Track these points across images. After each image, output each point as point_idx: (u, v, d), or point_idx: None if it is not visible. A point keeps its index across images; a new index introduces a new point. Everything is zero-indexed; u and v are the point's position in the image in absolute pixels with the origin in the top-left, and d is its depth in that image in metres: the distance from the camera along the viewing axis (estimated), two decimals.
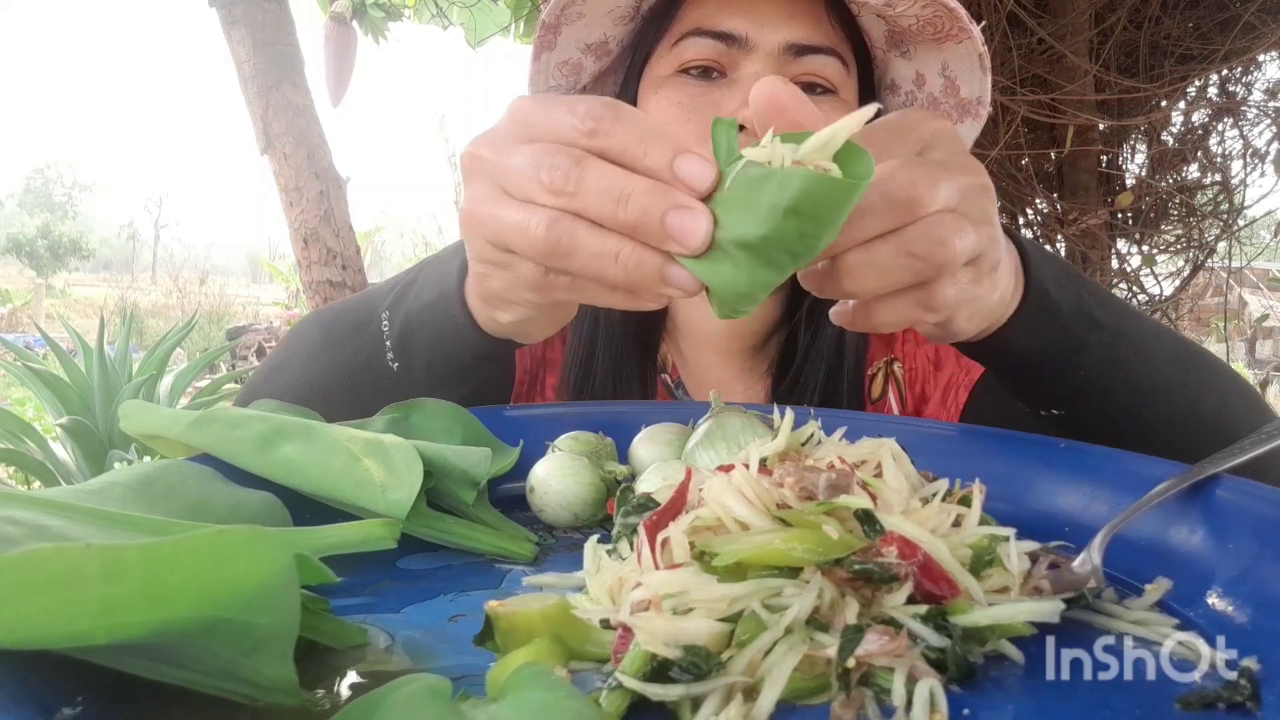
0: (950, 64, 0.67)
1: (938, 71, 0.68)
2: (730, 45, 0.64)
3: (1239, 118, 1.53)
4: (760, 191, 0.31)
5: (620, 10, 0.68)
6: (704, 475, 0.32)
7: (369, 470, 0.37)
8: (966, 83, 0.67)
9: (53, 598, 0.19)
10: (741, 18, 0.64)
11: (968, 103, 0.68)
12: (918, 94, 0.70)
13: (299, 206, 1.61)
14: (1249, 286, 3.14)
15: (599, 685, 0.25)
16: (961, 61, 0.66)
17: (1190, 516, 0.35)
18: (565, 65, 0.71)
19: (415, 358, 0.51)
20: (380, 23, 1.97)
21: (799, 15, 0.65)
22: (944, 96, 0.69)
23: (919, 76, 0.70)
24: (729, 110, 0.61)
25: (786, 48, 0.64)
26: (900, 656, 0.24)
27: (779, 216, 0.31)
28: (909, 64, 0.69)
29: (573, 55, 0.70)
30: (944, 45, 0.65)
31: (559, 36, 0.68)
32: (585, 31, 0.69)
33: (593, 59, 0.71)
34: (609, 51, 0.71)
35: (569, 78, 0.72)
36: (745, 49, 0.64)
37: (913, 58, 0.69)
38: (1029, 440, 0.45)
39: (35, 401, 3.02)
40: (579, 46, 0.70)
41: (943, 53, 0.66)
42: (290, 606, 0.24)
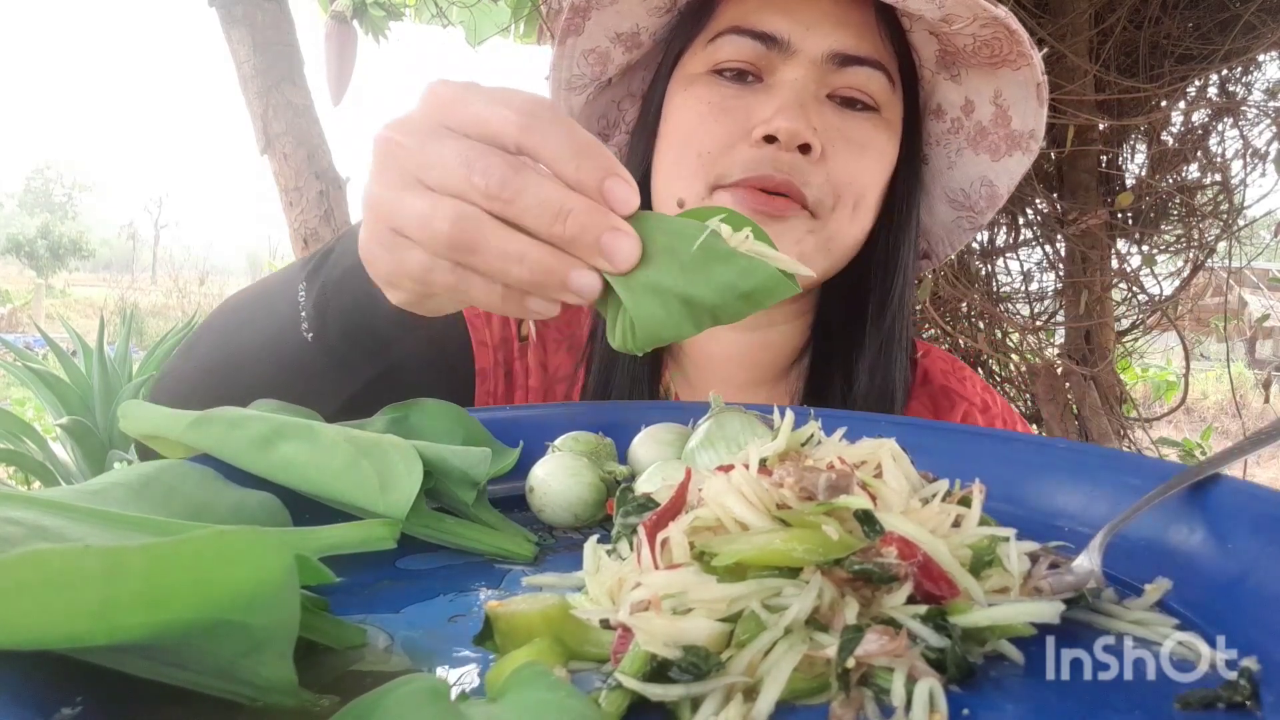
0: (1004, 92, 0.62)
1: (989, 99, 0.63)
2: (770, 47, 0.60)
3: (1239, 118, 1.53)
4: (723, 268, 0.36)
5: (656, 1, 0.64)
6: (704, 475, 0.32)
7: (369, 470, 0.37)
8: (1019, 114, 0.62)
9: (52, 599, 0.19)
10: (784, 18, 0.59)
11: (1018, 136, 0.63)
12: (964, 121, 0.65)
13: (299, 206, 1.61)
14: (1249, 286, 3.14)
15: (599, 685, 0.25)
16: (1016, 90, 0.61)
17: (1190, 516, 0.35)
18: (592, 53, 0.67)
19: (330, 326, 0.50)
20: (381, 22, 1.97)
21: (847, 22, 0.60)
22: (993, 126, 0.64)
23: (968, 103, 0.65)
24: (761, 118, 0.58)
25: (830, 56, 0.59)
26: (900, 656, 0.24)
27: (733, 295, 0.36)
28: (958, 88, 0.65)
29: (601, 43, 0.66)
30: (999, 70, 0.61)
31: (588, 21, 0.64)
32: (617, 19, 0.65)
33: (622, 50, 0.67)
34: (640, 44, 0.67)
35: (595, 67, 0.68)
36: (785, 53, 0.59)
37: (963, 82, 0.64)
38: (1029, 440, 0.45)
39: (35, 402, 3.02)
40: (608, 35, 0.66)
41: (997, 79, 0.62)
42: (290, 607, 0.24)
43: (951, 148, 0.67)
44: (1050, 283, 1.67)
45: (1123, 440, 1.58)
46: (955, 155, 0.67)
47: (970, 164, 0.67)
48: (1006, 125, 0.63)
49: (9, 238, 25.65)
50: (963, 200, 0.69)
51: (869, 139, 0.60)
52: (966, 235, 0.72)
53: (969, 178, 0.68)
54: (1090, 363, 1.52)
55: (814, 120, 0.58)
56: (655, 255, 0.36)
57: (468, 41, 1.96)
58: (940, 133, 0.68)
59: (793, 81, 0.59)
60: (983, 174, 0.66)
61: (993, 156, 0.65)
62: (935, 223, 0.72)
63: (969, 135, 0.66)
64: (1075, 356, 1.54)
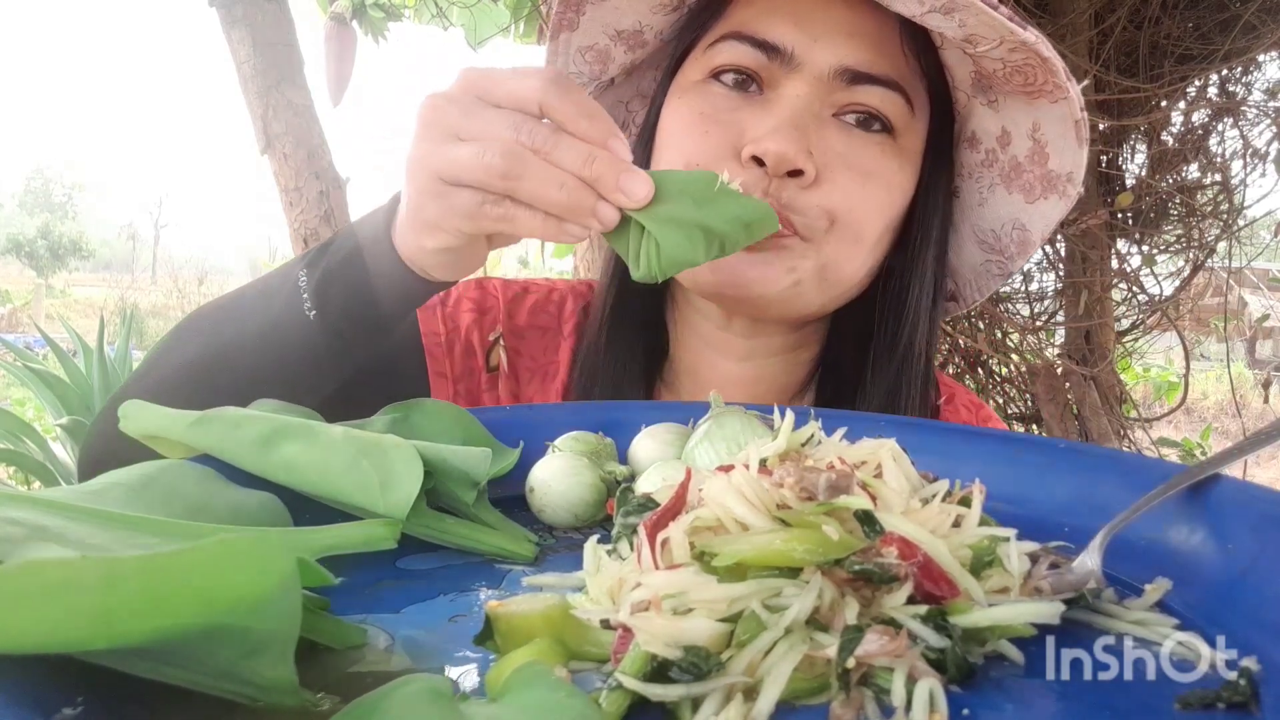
0: (1042, 126, 0.56)
1: (1027, 132, 0.57)
2: (772, 58, 0.55)
3: (1239, 118, 1.53)
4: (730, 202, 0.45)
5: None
6: (704, 475, 0.32)
7: (369, 470, 0.37)
8: (1057, 152, 0.56)
9: (52, 607, 0.19)
10: (791, 27, 0.54)
11: (1055, 178, 0.57)
12: (1000, 154, 0.60)
13: (299, 207, 1.61)
14: (1249, 286, 3.14)
15: (599, 685, 0.25)
16: (1056, 125, 0.55)
17: (1190, 516, 0.35)
18: (590, 51, 0.63)
19: (333, 304, 0.51)
20: (380, 23, 1.97)
21: (861, 34, 0.54)
22: (1029, 164, 0.58)
23: (1004, 134, 0.59)
24: (752, 136, 0.53)
25: (839, 72, 0.54)
26: (900, 657, 0.24)
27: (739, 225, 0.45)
28: (995, 116, 0.58)
29: (600, 41, 0.62)
30: (1036, 101, 0.55)
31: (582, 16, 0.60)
32: (616, 16, 0.61)
33: (624, 49, 0.63)
34: (645, 43, 0.63)
35: (594, 66, 0.64)
36: (789, 65, 0.55)
37: (1000, 109, 0.58)
38: (1029, 441, 0.45)
39: (35, 402, 3.02)
40: (608, 33, 0.62)
41: (1034, 110, 0.56)
42: (291, 610, 0.24)
43: (984, 182, 0.62)
44: (1050, 283, 1.68)
45: (1123, 440, 1.58)
46: (987, 191, 0.62)
47: (1003, 203, 0.62)
48: (1044, 164, 0.58)
49: (9, 238, 25.65)
50: (993, 242, 0.64)
51: (875, 166, 0.55)
52: (996, 281, 0.66)
53: (1000, 218, 0.62)
54: (1090, 363, 1.52)
55: (812, 143, 0.53)
56: (673, 196, 0.44)
57: (468, 42, 1.96)
58: (974, 164, 0.62)
59: (793, 99, 0.54)
60: (1015, 216, 0.61)
61: (1026, 198, 0.59)
62: (963, 264, 0.67)
63: (1003, 171, 0.60)
64: (1075, 356, 1.54)
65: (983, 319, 1.60)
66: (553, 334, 0.68)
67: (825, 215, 0.55)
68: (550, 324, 0.68)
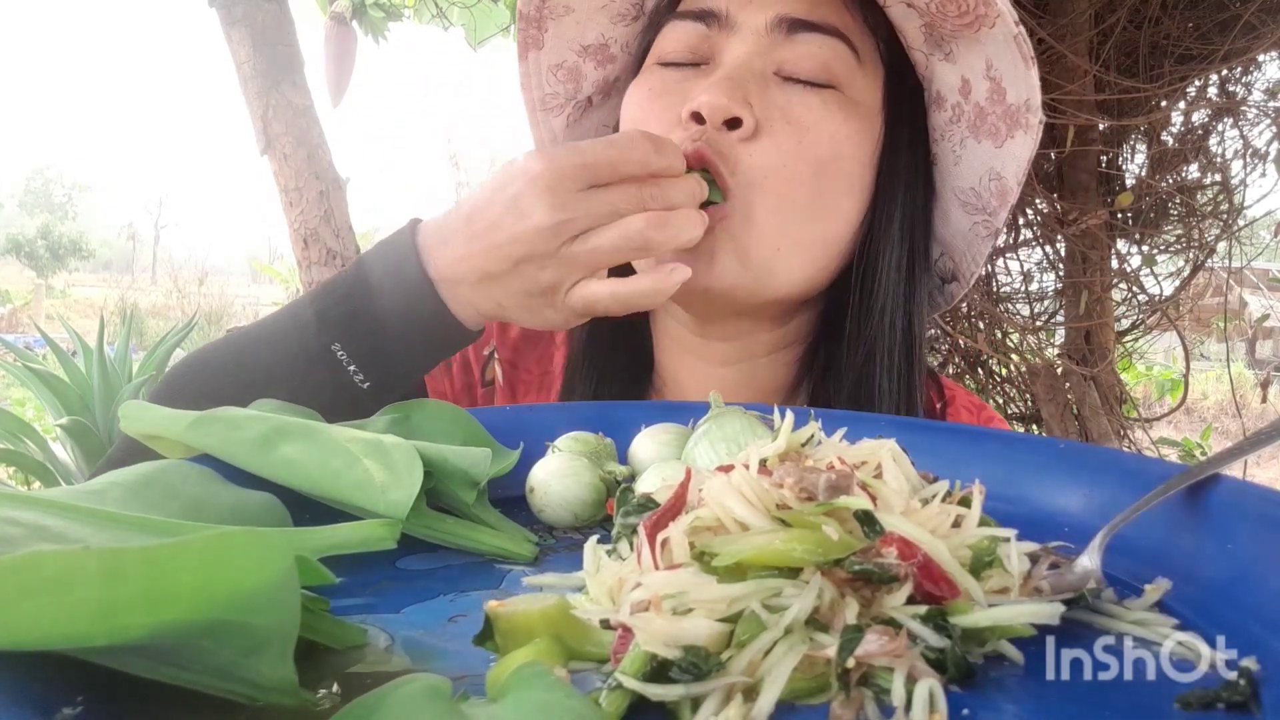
0: (993, 61, 0.56)
1: (982, 73, 0.57)
2: (710, 25, 0.55)
3: (1239, 118, 1.53)
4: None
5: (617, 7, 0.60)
6: (704, 476, 0.32)
7: (369, 470, 0.37)
8: (1011, 83, 0.56)
9: (51, 601, 0.19)
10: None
11: (1015, 110, 0.57)
12: (964, 105, 0.59)
13: (299, 207, 1.61)
14: (1249, 286, 3.14)
15: (599, 685, 0.25)
16: (1001, 53, 0.55)
17: (1190, 516, 0.35)
18: (561, 69, 0.63)
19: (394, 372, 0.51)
20: (380, 23, 1.97)
21: None
22: (990, 105, 0.58)
23: (964, 83, 0.59)
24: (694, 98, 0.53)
25: (776, 23, 0.54)
26: (900, 657, 0.24)
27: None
28: (954, 69, 0.59)
29: (567, 58, 0.63)
30: (979, 34, 0.54)
31: (545, 33, 0.61)
32: (578, 30, 0.61)
33: (593, 64, 0.63)
34: (612, 56, 0.63)
35: (567, 84, 0.64)
36: (727, 28, 0.55)
37: (956, 60, 0.58)
38: (1029, 441, 0.45)
39: (35, 402, 3.02)
40: (573, 48, 0.62)
41: (982, 46, 0.55)
42: (291, 608, 0.24)
43: (955, 139, 0.62)
44: (1050, 283, 1.68)
45: (1123, 440, 1.58)
46: (960, 147, 0.62)
47: (975, 155, 0.62)
48: (1003, 100, 0.57)
49: (9, 238, 25.65)
50: (974, 201, 0.64)
51: (817, 117, 0.54)
52: (986, 243, 0.65)
53: (976, 172, 0.62)
54: (1090, 363, 1.52)
55: (752, 95, 0.52)
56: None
57: (468, 42, 1.96)
58: (943, 124, 0.62)
59: (733, 58, 0.54)
60: (989, 165, 0.61)
61: (995, 142, 0.59)
62: (954, 233, 0.66)
63: (970, 121, 0.60)
64: (1075, 356, 1.54)
65: (983, 319, 1.60)
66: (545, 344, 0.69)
67: (764, 169, 0.53)
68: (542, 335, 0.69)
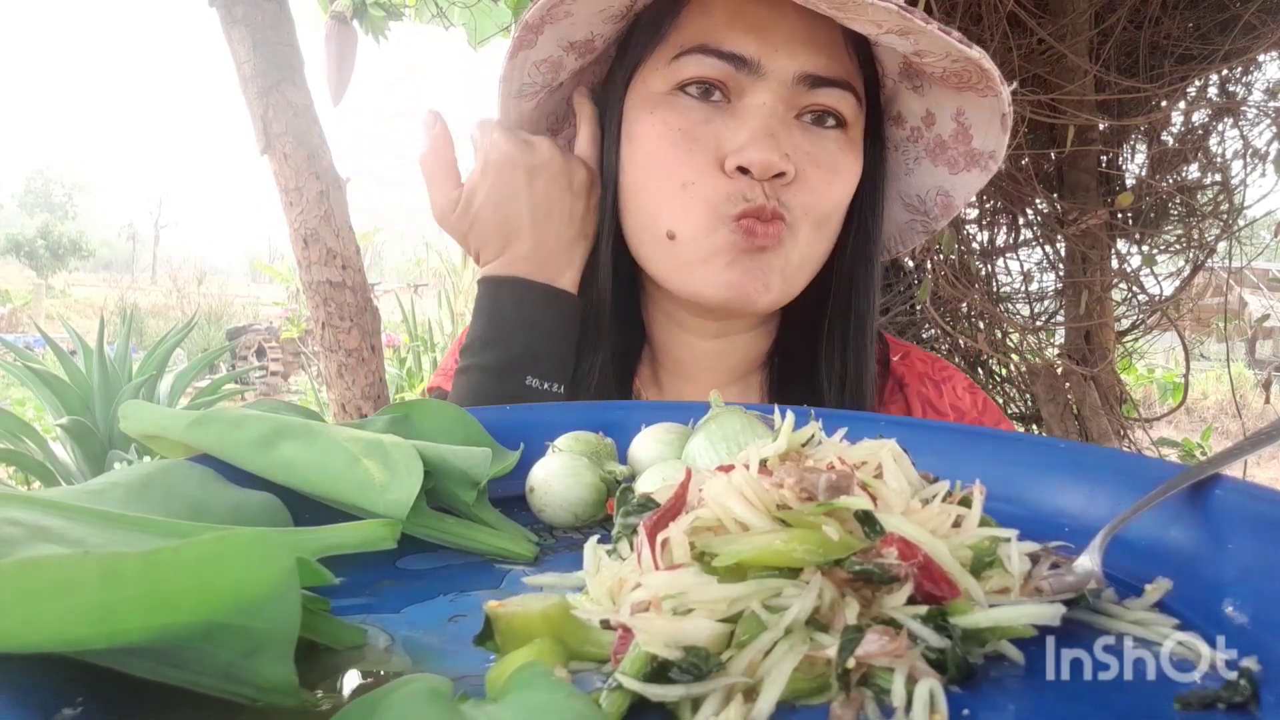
0: (967, 111, 0.61)
1: (951, 115, 0.62)
2: (739, 69, 0.58)
3: (1239, 118, 1.53)
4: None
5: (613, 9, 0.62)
6: (704, 476, 0.32)
7: (369, 470, 0.37)
8: (981, 135, 0.61)
9: (52, 604, 0.19)
10: (753, 38, 0.57)
11: (978, 154, 0.62)
12: (924, 132, 0.65)
13: (299, 207, 1.61)
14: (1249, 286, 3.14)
15: (599, 686, 0.25)
16: (980, 113, 0.60)
17: (1190, 516, 0.35)
18: (544, 63, 0.65)
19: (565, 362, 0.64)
20: (381, 22, 1.97)
21: (817, 42, 0.58)
22: (953, 142, 0.63)
23: (929, 115, 0.64)
24: (732, 147, 0.57)
25: (801, 78, 0.58)
26: (900, 657, 0.24)
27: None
28: (920, 100, 0.64)
29: (554, 53, 0.65)
30: (964, 94, 0.60)
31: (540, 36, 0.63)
32: (570, 30, 0.63)
33: (575, 56, 0.65)
34: (594, 49, 0.65)
35: (547, 75, 0.66)
36: (755, 75, 0.58)
37: (925, 94, 0.63)
38: (1029, 441, 0.45)
39: (35, 401, 3.03)
40: (561, 45, 0.64)
41: (960, 99, 0.61)
42: (291, 610, 0.24)
43: (910, 155, 0.67)
44: (1050, 283, 1.67)
45: (1123, 440, 1.58)
46: (913, 163, 0.67)
47: (928, 173, 0.67)
48: (968, 143, 0.62)
49: (9, 238, 25.64)
50: (918, 205, 0.69)
51: (837, 160, 0.61)
52: (919, 238, 0.72)
53: (925, 186, 0.68)
54: (1090, 363, 1.52)
55: (784, 145, 0.57)
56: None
57: (468, 42, 1.96)
58: (899, 139, 0.67)
59: (761, 106, 0.58)
60: (940, 184, 0.67)
61: (951, 170, 0.65)
62: (889, 223, 0.72)
63: (928, 146, 0.65)
64: (1075, 356, 1.54)
65: (983, 319, 1.60)
66: None
67: (803, 207, 0.59)
68: None
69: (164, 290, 14.18)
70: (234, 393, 4.75)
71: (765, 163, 0.56)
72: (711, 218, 0.58)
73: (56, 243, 25.49)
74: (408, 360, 4.53)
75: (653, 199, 0.61)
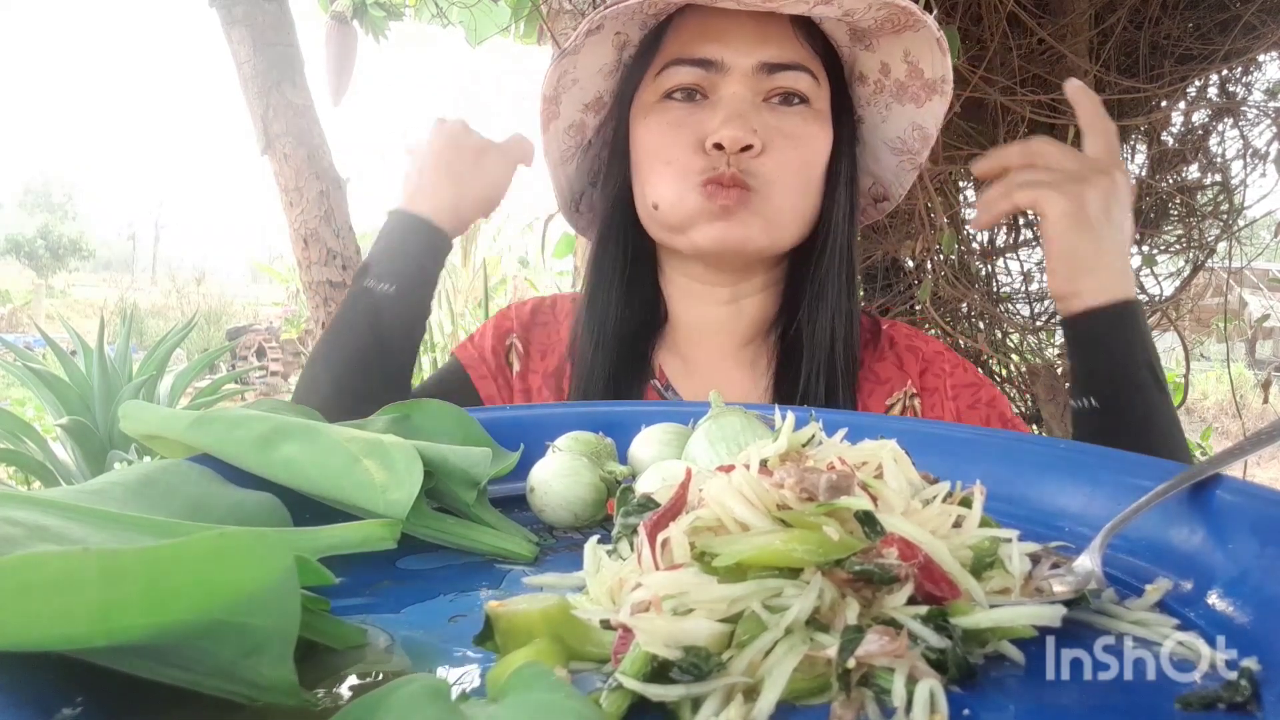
0: (911, 50, 0.72)
1: (900, 59, 0.73)
2: (709, 70, 0.70)
3: (1239, 118, 1.53)
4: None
5: (608, 65, 0.76)
6: (704, 476, 0.32)
7: (369, 470, 0.37)
8: (928, 65, 0.72)
9: (51, 601, 0.19)
10: (716, 44, 0.70)
11: (933, 82, 0.73)
12: (885, 81, 0.76)
13: (299, 207, 1.61)
14: (1249, 287, 3.14)
15: (599, 686, 0.25)
16: (921, 46, 0.71)
17: (1190, 516, 0.35)
18: (571, 128, 0.79)
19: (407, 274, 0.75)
20: (381, 22, 1.97)
21: (769, 36, 0.71)
22: (909, 80, 0.74)
23: (884, 66, 0.75)
24: (709, 130, 0.68)
25: (759, 67, 0.70)
26: (900, 657, 0.24)
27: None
28: (873, 55, 0.75)
29: (575, 117, 0.79)
30: (903, 35, 0.71)
31: (561, 105, 0.76)
32: (582, 93, 0.77)
33: (592, 115, 0.79)
34: (604, 104, 0.79)
35: (575, 138, 0.80)
36: (722, 72, 0.70)
37: (876, 50, 0.74)
38: (1029, 441, 0.45)
39: (35, 401, 3.02)
40: (578, 108, 0.78)
41: (902, 41, 0.72)
42: (291, 609, 0.24)
43: (880, 105, 0.78)
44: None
45: None
46: (885, 110, 0.78)
47: (899, 115, 0.77)
48: (921, 77, 0.73)
49: (9, 238, 25.64)
50: (901, 146, 0.80)
51: (801, 130, 0.71)
52: (910, 175, 0.83)
53: (901, 126, 0.78)
54: None
55: (753, 123, 0.68)
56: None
57: (468, 41, 1.96)
58: (868, 95, 0.78)
59: (731, 95, 0.70)
60: (912, 120, 0.77)
61: (916, 105, 0.76)
62: (884, 169, 0.83)
63: (892, 91, 0.76)
64: None
65: (983, 319, 1.60)
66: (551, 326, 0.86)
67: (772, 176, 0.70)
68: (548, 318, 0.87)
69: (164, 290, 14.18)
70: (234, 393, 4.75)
71: (733, 137, 0.67)
72: (682, 186, 0.70)
73: (56, 243, 25.49)
74: None
75: (645, 180, 0.73)
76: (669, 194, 0.71)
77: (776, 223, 0.72)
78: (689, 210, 0.70)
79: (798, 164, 0.72)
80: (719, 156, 0.69)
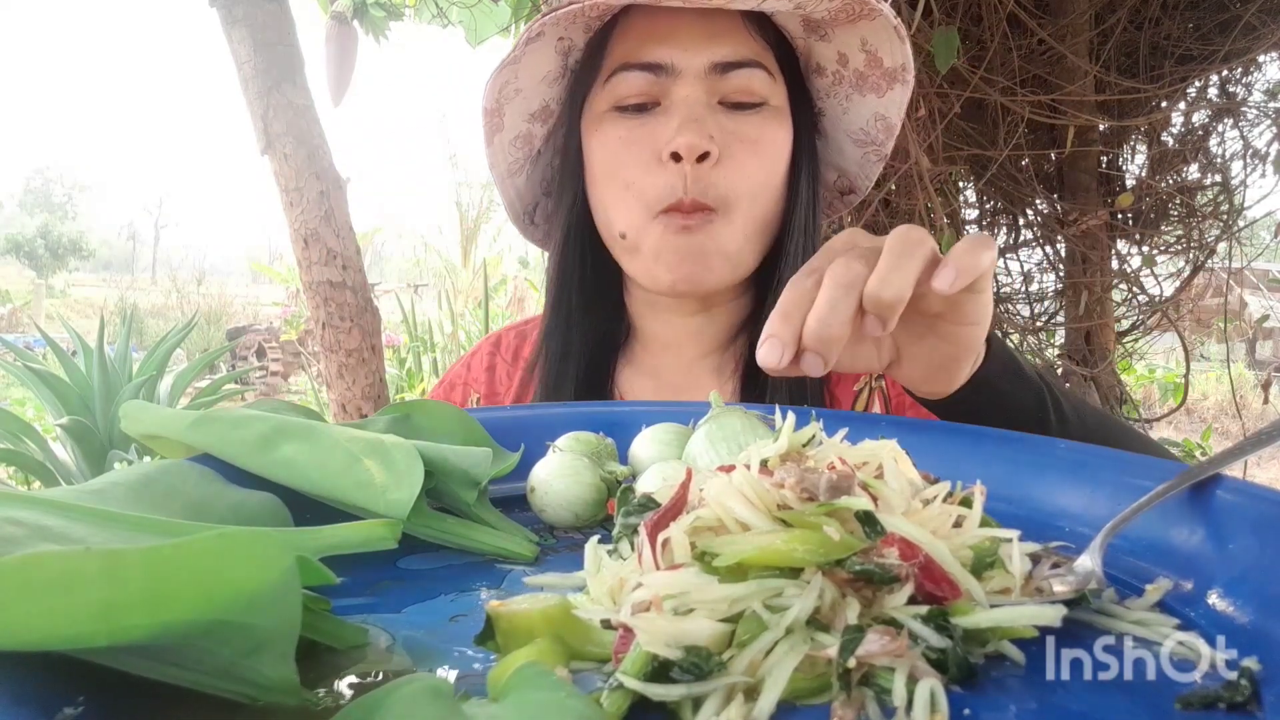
0: (869, 39, 0.69)
1: (858, 48, 0.70)
2: (659, 74, 0.66)
3: (1239, 118, 1.53)
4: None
5: (552, 73, 0.71)
6: (705, 476, 0.32)
7: (370, 470, 0.37)
8: (888, 53, 0.69)
9: (53, 601, 0.19)
10: (665, 46, 0.66)
11: (893, 71, 0.70)
12: (844, 72, 0.73)
13: (299, 207, 1.61)
14: (1249, 287, 3.14)
15: (600, 685, 0.25)
16: (879, 35, 0.68)
17: (1190, 516, 0.35)
18: (517, 139, 0.75)
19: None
20: (381, 22, 1.96)
21: (719, 34, 0.67)
22: (869, 70, 0.71)
23: (841, 56, 0.72)
24: (665, 139, 0.65)
25: (711, 68, 0.66)
26: (901, 657, 0.24)
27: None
28: (829, 46, 0.72)
29: (521, 128, 0.74)
30: (858, 24, 0.67)
31: (504, 117, 0.72)
32: (526, 103, 0.73)
33: (539, 124, 0.75)
34: (552, 113, 0.75)
35: (523, 149, 0.76)
36: (673, 75, 0.66)
37: (832, 40, 0.71)
38: (1029, 441, 0.45)
39: (35, 401, 3.03)
40: (524, 118, 0.74)
41: (858, 30, 0.68)
42: (292, 608, 0.24)
43: (840, 96, 0.75)
44: (1050, 283, 1.68)
45: None
46: (846, 102, 0.75)
47: (861, 106, 0.74)
48: (880, 66, 0.70)
49: (9, 238, 25.65)
50: (864, 138, 0.77)
51: (761, 133, 0.68)
52: (877, 166, 0.79)
53: (864, 117, 0.75)
54: (1090, 363, 1.52)
55: (709, 128, 0.65)
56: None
57: (468, 41, 1.96)
58: (826, 87, 0.74)
59: (684, 99, 0.66)
60: (874, 111, 0.74)
61: (878, 95, 0.72)
62: (848, 162, 0.80)
63: (852, 82, 0.73)
64: (1075, 357, 1.54)
65: None
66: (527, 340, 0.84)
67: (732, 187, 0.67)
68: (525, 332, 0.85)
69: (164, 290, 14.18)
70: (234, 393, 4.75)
71: (690, 144, 0.63)
72: (645, 215, 0.66)
73: (56, 243, 25.49)
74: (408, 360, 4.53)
75: (606, 206, 0.70)
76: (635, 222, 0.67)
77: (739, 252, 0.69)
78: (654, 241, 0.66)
79: (758, 171, 0.68)
80: (675, 170, 0.65)
